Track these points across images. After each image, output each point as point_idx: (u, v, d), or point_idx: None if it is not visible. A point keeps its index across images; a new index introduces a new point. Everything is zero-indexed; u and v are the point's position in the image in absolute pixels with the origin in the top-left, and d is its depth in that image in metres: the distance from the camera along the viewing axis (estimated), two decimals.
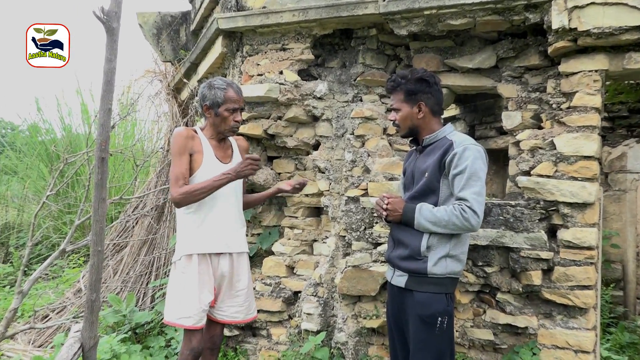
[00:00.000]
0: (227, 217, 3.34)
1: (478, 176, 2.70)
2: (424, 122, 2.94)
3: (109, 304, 5.16)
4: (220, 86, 3.28)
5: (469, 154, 2.72)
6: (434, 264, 2.77)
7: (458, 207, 2.68)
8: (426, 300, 2.79)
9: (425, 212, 2.77)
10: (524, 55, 3.81)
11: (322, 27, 4.21)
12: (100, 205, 2.85)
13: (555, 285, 3.37)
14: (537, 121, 3.70)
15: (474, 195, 2.67)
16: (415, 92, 2.91)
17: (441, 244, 2.78)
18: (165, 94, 6.99)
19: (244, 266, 3.43)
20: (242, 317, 3.45)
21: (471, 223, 2.67)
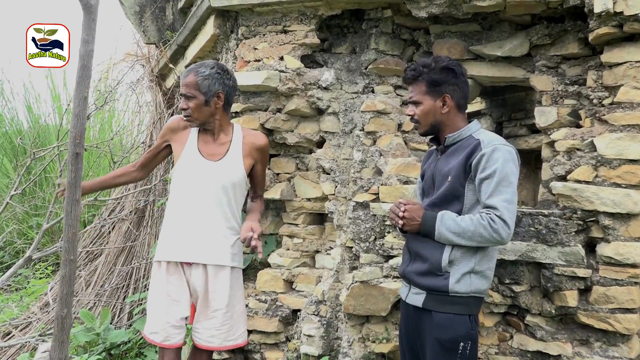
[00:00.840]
0: (202, 223, 3.33)
1: (509, 181, 2.68)
2: (448, 118, 2.92)
3: (80, 321, 5.16)
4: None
5: (499, 156, 2.69)
6: (456, 281, 2.75)
7: (486, 217, 2.66)
8: (447, 322, 2.76)
9: (447, 222, 2.74)
10: (561, 42, 3.81)
11: (329, 7, 4.21)
12: (73, 207, 2.85)
13: (593, 307, 3.35)
14: (575, 118, 3.70)
15: (504, 203, 2.65)
16: (439, 83, 2.88)
17: (465, 259, 2.76)
18: (148, 80, 7.01)
19: (224, 282, 3.39)
20: (218, 342, 3.42)
21: (501, 235, 2.64)
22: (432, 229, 2.78)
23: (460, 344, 2.74)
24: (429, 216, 2.81)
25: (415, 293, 2.90)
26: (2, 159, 10.20)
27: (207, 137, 3.40)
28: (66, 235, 2.95)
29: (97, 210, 8.04)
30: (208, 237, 3.36)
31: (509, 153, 2.73)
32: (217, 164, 3.38)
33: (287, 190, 4.44)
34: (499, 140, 2.78)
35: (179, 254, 3.29)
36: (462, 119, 2.96)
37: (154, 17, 6.29)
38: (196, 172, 3.31)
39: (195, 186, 3.32)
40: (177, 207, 3.31)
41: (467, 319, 2.78)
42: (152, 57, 6.97)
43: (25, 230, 8.81)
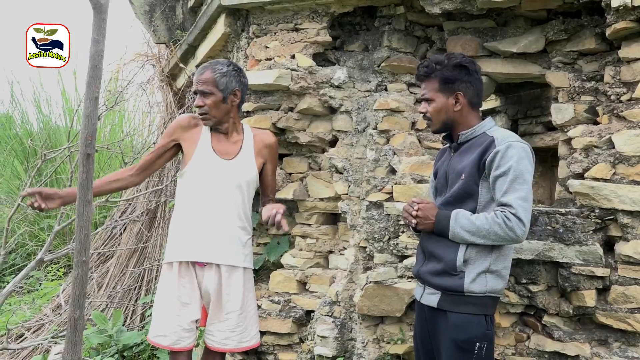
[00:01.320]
0: (217, 223, 3.33)
1: (524, 178, 2.67)
2: (461, 116, 2.92)
3: (93, 323, 5.19)
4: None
5: (514, 153, 2.68)
6: (472, 281, 2.75)
7: (501, 215, 2.65)
8: (462, 322, 2.76)
9: (462, 220, 2.74)
10: (578, 37, 3.79)
11: (341, 4, 4.21)
12: (85, 208, 2.85)
13: (611, 307, 3.33)
14: (592, 115, 3.68)
15: (519, 201, 2.64)
16: (452, 81, 2.88)
17: (480, 258, 2.76)
18: (158, 80, 7.03)
19: (237, 284, 3.40)
20: (233, 345, 3.42)
21: (516, 233, 2.63)
22: (446, 227, 2.77)
23: (476, 344, 2.73)
24: (443, 215, 2.81)
25: (429, 293, 2.90)
26: (13, 161, 10.27)
27: (219, 136, 3.39)
28: (78, 236, 2.95)
29: (109, 212, 8.07)
30: (223, 237, 3.35)
31: (524, 150, 2.72)
32: (231, 162, 3.38)
33: (299, 190, 4.44)
34: (513, 137, 2.77)
35: (194, 254, 3.28)
36: (476, 117, 2.96)
37: (164, 17, 6.31)
38: (211, 171, 3.30)
39: (210, 185, 3.32)
40: (190, 206, 3.30)
41: (483, 319, 2.78)
42: (162, 57, 6.99)
43: (37, 232, 8.86)
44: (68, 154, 5.62)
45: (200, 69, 3.40)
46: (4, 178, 10.15)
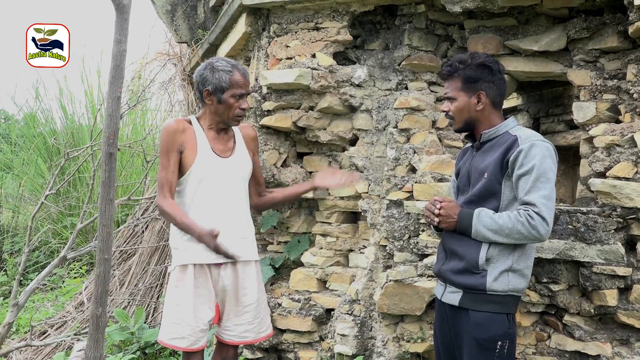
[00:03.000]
0: (229, 221, 3.34)
1: (547, 177, 2.68)
2: (483, 115, 2.93)
3: (115, 320, 5.24)
4: (225, 68, 3.28)
5: (537, 152, 2.70)
6: (494, 279, 2.76)
7: (524, 213, 2.66)
8: (484, 321, 2.77)
9: (485, 219, 2.75)
10: (600, 36, 3.77)
11: (361, 3, 4.22)
12: (107, 207, 2.91)
13: (633, 306, 3.32)
14: (614, 114, 3.66)
15: (542, 200, 2.65)
16: (475, 80, 2.89)
17: (503, 256, 2.77)
18: (180, 79, 7.08)
19: (252, 277, 3.42)
20: (253, 336, 3.46)
21: (539, 232, 2.65)
22: (469, 226, 2.78)
23: (498, 343, 2.74)
24: (466, 213, 2.82)
25: (451, 292, 2.91)
26: (36, 159, 10.37)
27: (213, 135, 3.38)
28: (100, 234, 3.01)
29: (131, 210, 8.14)
30: (237, 235, 3.36)
31: (547, 149, 2.73)
32: (229, 160, 3.38)
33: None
34: (536, 137, 2.78)
35: (212, 256, 3.28)
36: (498, 116, 2.96)
37: (186, 16, 6.35)
38: (214, 171, 3.30)
39: (216, 185, 3.31)
40: (200, 208, 3.30)
41: (505, 317, 2.78)
42: (183, 56, 7.04)
43: (60, 230, 8.95)
44: (91, 152, 5.68)
45: (240, 69, 3.32)
46: (28, 176, 10.25)
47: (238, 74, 3.29)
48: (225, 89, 3.27)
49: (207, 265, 3.30)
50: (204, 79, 3.31)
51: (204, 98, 3.34)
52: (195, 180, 3.29)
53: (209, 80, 3.28)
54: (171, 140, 3.26)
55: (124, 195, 8.12)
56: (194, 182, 3.30)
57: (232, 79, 3.27)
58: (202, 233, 3.15)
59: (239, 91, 3.29)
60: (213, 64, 3.31)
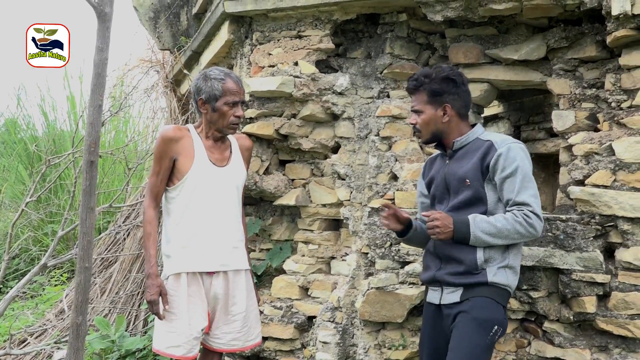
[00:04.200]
0: (223, 231, 3.35)
1: (530, 177, 2.82)
2: (450, 126, 3.01)
3: (96, 328, 5.21)
4: (217, 77, 3.30)
5: (516, 154, 2.82)
6: (494, 274, 2.85)
7: (520, 214, 2.77)
8: (485, 304, 2.86)
9: (482, 224, 2.81)
10: (579, 45, 3.82)
11: (344, 12, 4.24)
12: (88, 215, 2.91)
13: (612, 313, 3.35)
14: (593, 122, 3.70)
15: (532, 198, 2.78)
16: (440, 93, 2.97)
17: (500, 255, 2.87)
18: (162, 86, 7.06)
19: (242, 286, 3.43)
20: (240, 344, 3.47)
21: (537, 229, 2.77)
22: (467, 233, 2.83)
23: (495, 326, 2.83)
24: (461, 222, 2.85)
25: (450, 292, 2.94)
26: (17, 166, 10.30)
27: (211, 144, 3.39)
28: (81, 242, 3.01)
29: (112, 217, 8.11)
30: (229, 243, 3.38)
31: (523, 150, 2.86)
32: (225, 169, 3.39)
33: (302, 196, 4.48)
34: (510, 139, 2.90)
35: (206, 264, 3.29)
36: (466, 125, 3.06)
37: (169, 23, 6.35)
38: (210, 180, 3.31)
39: (212, 194, 3.32)
40: (194, 216, 3.30)
41: (502, 308, 2.89)
42: (166, 63, 7.02)
43: (41, 238, 8.89)
44: (72, 159, 5.67)
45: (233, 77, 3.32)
46: (9, 183, 10.17)
47: (231, 82, 3.31)
48: (218, 97, 3.29)
49: (200, 274, 3.31)
50: (198, 88, 3.34)
51: (199, 107, 3.36)
52: (190, 187, 3.30)
53: (203, 89, 3.31)
54: (164, 149, 3.29)
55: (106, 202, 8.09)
56: (188, 189, 3.31)
57: (225, 87, 3.29)
58: (151, 275, 3.24)
59: (232, 99, 3.31)
60: (207, 73, 3.35)
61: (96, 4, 2.74)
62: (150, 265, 3.24)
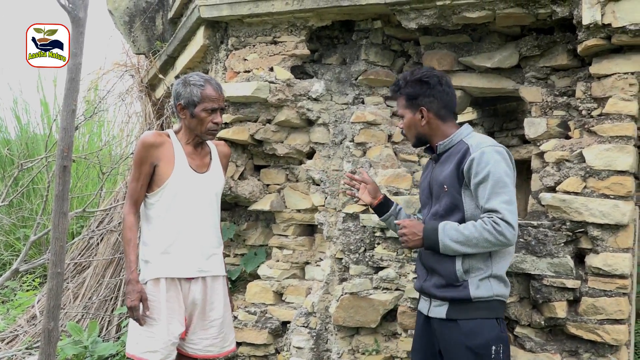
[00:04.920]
0: (202, 236, 3.35)
1: (504, 182, 2.70)
2: (431, 129, 2.95)
3: (68, 334, 5.18)
4: (196, 82, 3.28)
5: (489, 158, 2.71)
6: (476, 287, 2.77)
7: (489, 221, 2.66)
8: (475, 328, 2.77)
9: (450, 232, 2.74)
10: (550, 53, 3.87)
11: (319, 18, 4.26)
12: (60, 220, 2.89)
13: (582, 318, 3.39)
14: (564, 129, 3.75)
15: (503, 205, 2.66)
16: (415, 97, 2.93)
17: (481, 264, 2.78)
18: (137, 90, 7.03)
19: (219, 292, 3.44)
20: (216, 350, 3.46)
21: (507, 237, 2.65)
22: (436, 242, 2.77)
23: (492, 347, 2.74)
24: (430, 229, 2.80)
25: (437, 305, 2.89)
26: None
27: (191, 150, 3.38)
28: (53, 247, 2.99)
29: (86, 222, 8.05)
30: (207, 249, 3.37)
31: (499, 153, 2.74)
32: (205, 175, 3.39)
33: (277, 201, 4.48)
34: (487, 142, 2.80)
35: (184, 270, 3.29)
36: (451, 126, 2.96)
37: (144, 27, 6.32)
38: (190, 186, 3.30)
39: (191, 200, 3.31)
40: (173, 222, 3.29)
41: (495, 322, 2.79)
42: (141, 67, 7.00)
43: (13, 242, 8.81)
44: (45, 163, 5.62)
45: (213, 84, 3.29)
46: None
47: (210, 88, 3.29)
48: (197, 103, 3.27)
49: (178, 279, 3.30)
50: (178, 93, 3.32)
51: (179, 113, 3.35)
52: (171, 193, 3.28)
53: (182, 94, 3.29)
54: (145, 155, 3.26)
55: (79, 206, 8.03)
56: (169, 195, 3.29)
57: (204, 93, 3.27)
58: (132, 281, 3.21)
59: (210, 105, 3.28)
60: (186, 78, 3.33)
61: (70, 8, 2.73)
62: (131, 271, 3.22)
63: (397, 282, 3.79)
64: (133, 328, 3.32)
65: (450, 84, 3.00)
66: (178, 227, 3.30)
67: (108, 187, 8.26)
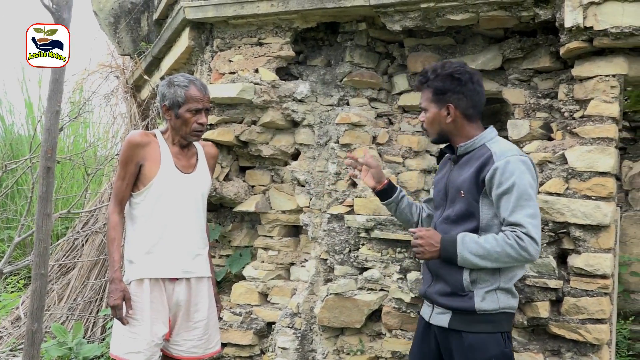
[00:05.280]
0: (186, 237, 3.34)
1: (529, 194, 2.58)
2: (455, 128, 2.82)
3: (53, 335, 5.15)
4: (181, 83, 3.28)
5: (514, 168, 2.59)
6: (482, 299, 2.67)
7: (512, 235, 2.55)
8: (478, 343, 2.68)
9: (470, 245, 2.62)
10: (533, 56, 3.89)
11: (304, 20, 4.26)
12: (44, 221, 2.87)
13: (564, 318, 3.41)
14: (546, 131, 3.78)
15: (528, 219, 2.55)
16: (443, 92, 2.78)
17: (489, 276, 2.67)
18: (122, 92, 7.01)
19: (204, 293, 3.43)
20: (201, 352, 3.45)
21: (530, 253, 2.54)
22: (454, 254, 2.64)
23: None
24: (449, 241, 2.68)
25: (439, 313, 2.81)
26: None
27: (177, 150, 3.38)
28: (37, 249, 2.97)
29: (71, 223, 8.01)
30: (192, 250, 3.36)
31: (524, 164, 2.63)
32: (191, 176, 3.38)
33: (262, 202, 4.48)
34: (512, 151, 2.68)
35: (168, 270, 3.28)
36: (475, 127, 2.83)
37: (129, 29, 6.30)
38: (176, 186, 3.29)
39: (177, 200, 3.31)
40: (158, 222, 3.28)
41: (500, 337, 2.70)
42: (126, 69, 6.98)
43: None
44: (30, 164, 5.59)
45: (198, 85, 3.27)
46: None
47: (194, 89, 3.28)
48: (181, 104, 3.26)
49: (162, 280, 3.29)
50: (163, 94, 3.32)
51: (164, 114, 3.35)
52: (156, 193, 3.28)
53: (167, 95, 3.29)
54: (130, 154, 3.26)
55: (64, 208, 7.98)
56: (154, 195, 3.28)
57: (188, 94, 3.26)
58: (115, 280, 3.20)
59: (194, 106, 3.28)
60: (171, 79, 3.33)
61: (53, 9, 2.72)
62: (114, 270, 3.21)
63: (381, 283, 3.79)
64: (117, 329, 3.31)
65: (481, 83, 2.87)
66: (163, 227, 3.29)
67: (93, 188, 8.22)
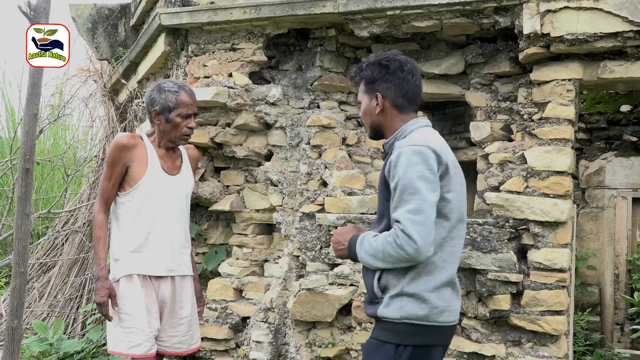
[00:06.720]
0: (171, 236, 3.34)
1: (414, 188, 2.26)
2: (385, 119, 2.56)
3: (34, 332, 5.09)
4: (171, 89, 3.29)
5: (402, 161, 2.31)
6: (385, 305, 2.41)
7: (393, 232, 2.29)
8: (370, 348, 2.47)
9: (365, 244, 2.42)
10: (494, 61, 3.93)
11: (276, 26, 4.26)
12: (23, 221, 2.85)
13: (524, 310, 3.46)
14: (507, 133, 3.81)
15: (407, 215, 2.24)
16: (372, 81, 2.53)
17: (396, 280, 2.40)
18: (100, 95, 6.95)
19: (188, 291, 3.44)
20: (185, 347, 3.46)
21: (407, 251, 2.24)
22: (355, 254, 2.46)
23: None
24: (353, 239, 2.49)
25: None
26: None
27: (163, 153, 3.38)
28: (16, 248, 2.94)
29: (51, 223, 7.93)
30: (177, 249, 3.37)
31: (418, 154, 2.31)
32: (176, 177, 3.39)
33: (236, 201, 4.47)
34: (409, 142, 2.38)
35: (153, 268, 3.27)
36: (403, 120, 2.54)
37: (107, 34, 6.26)
38: (162, 187, 3.29)
39: (162, 201, 3.30)
40: (145, 222, 3.26)
41: (392, 348, 2.37)
42: (104, 73, 6.92)
43: None
44: (10, 166, 5.52)
45: (187, 90, 3.26)
46: None
47: (184, 94, 3.31)
48: (172, 109, 3.28)
49: (149, 277, 3.28)
50: (152, 99, 3.32)
51: (153, 118, 3.35)
52: (142, 194, 3.27)
53: (157, 100, 3.30)
54: (118, 156, 3.26)
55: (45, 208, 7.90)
56: (140, 196, 3.28)
57: (179, 99, 3.28)
58: (101, 278, 3.19)
59: (185, 111, 3.30)
60: (161, 85, 3.34)
61: (31, 15, 2.69)
62: (100, 268, 3.20)
63: (351, 278, 3.81)
64: (113, 326, 3.28)
65: (414, 71, 2.56)
66: (149, 227, 3.29)
67: (72, 189, 8.14)
